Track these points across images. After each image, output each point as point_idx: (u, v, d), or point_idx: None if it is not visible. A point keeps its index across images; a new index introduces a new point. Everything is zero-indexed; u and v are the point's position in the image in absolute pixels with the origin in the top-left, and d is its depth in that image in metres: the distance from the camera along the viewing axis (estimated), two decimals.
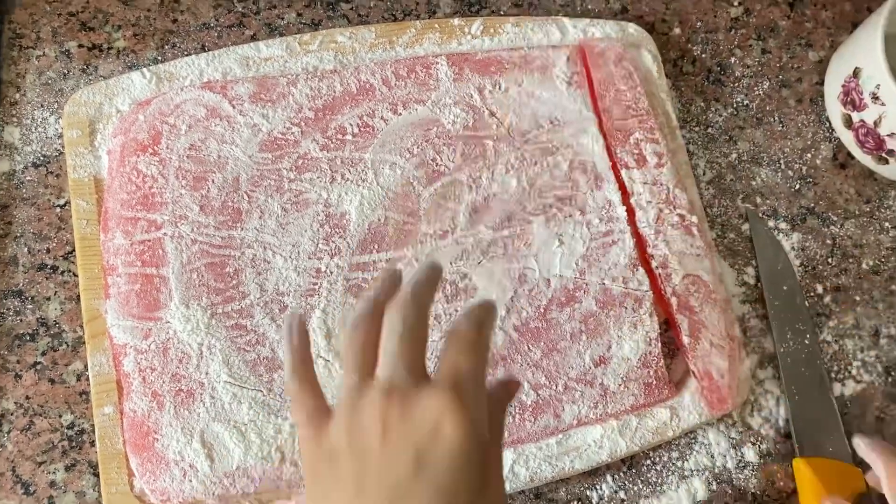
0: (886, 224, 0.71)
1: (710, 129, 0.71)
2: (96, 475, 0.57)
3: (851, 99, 0.68)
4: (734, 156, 0.71)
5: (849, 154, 0.72)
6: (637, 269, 0.62)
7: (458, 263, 0.60)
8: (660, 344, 0.61)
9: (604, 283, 0.61)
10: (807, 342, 0.65)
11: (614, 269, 0.62)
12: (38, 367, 0.59)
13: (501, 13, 0.71)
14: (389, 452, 0.37)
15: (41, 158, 0.62)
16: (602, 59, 0.67)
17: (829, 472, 0.60)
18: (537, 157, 0.64)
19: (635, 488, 0.61)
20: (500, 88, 0.65)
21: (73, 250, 0.60)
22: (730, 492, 0.62)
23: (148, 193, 0.58)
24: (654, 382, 0.60)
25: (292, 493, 0.56)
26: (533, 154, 0.63)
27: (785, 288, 0.66)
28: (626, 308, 0.61)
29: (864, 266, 0.70)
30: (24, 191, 0.62)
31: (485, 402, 0.40)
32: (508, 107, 0.64)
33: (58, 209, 0.62)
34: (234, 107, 0.61)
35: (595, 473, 0.61)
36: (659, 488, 0.62)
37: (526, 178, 0.63)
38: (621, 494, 0.61)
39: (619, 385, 0.60)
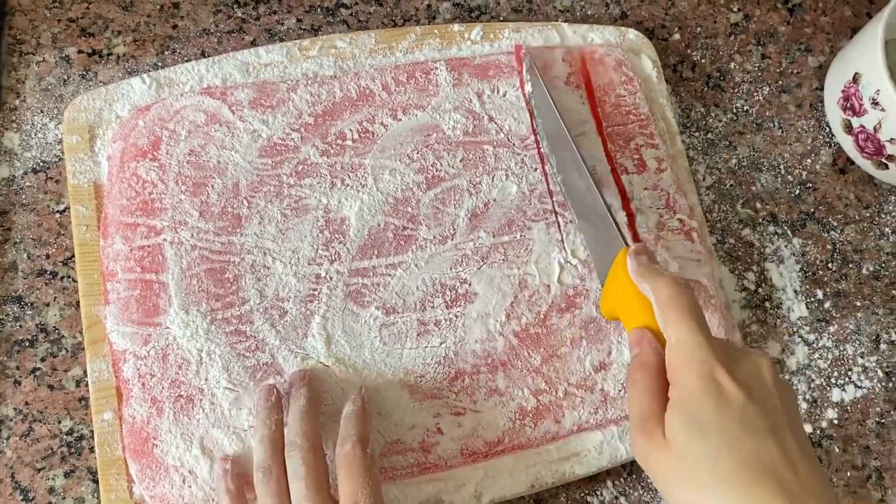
0: (886, 229, 0.71)
1: (709, 135, 0.71)
2: (95, 481, 0.57)
3: (851, 104, 0.68)
4: (734, 161, 0.71)
5: (848, 159, 0.72)
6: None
7: (458, 269, 0.60)
8: None
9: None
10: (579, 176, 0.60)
11: None
12: (38, 373, 0.58)
13: (501, 19, 0.71)
14: None
15: (41, 164, 0.62)
16: (602, 64, 0.67)
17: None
18: (537, 163, 0.64)
19: (636, 494, 0.61)
20: (498, 93, 0.65)
21: (73, 256, 0.60)
22: None
23: (147, 199, 0.58)
24: None
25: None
26: (533, 159, 0.63)
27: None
28: None
29: (864, 271, 0.70)
30: (23, 196, 0.62)
31: None
32: (507, 111, 0.64)
33: (57, 215, 0.62)
34: (233, 112, 0.61)
35: (595, 479, 0.61)
36: (659, 494, 0.61)
37: (526, 183, 0.63)
38: (622, 500, 0.61)
39: (620, 391, 0.60)
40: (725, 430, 0.43)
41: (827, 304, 0.68)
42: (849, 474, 0.65)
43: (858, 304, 0.69)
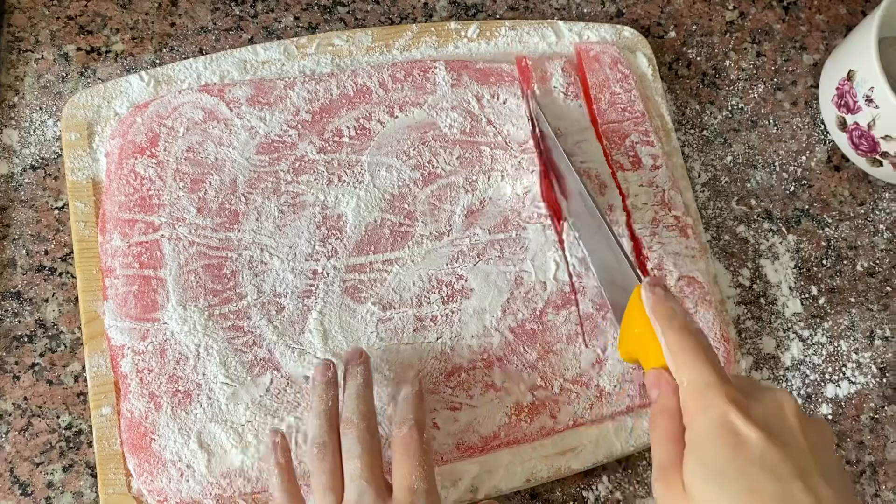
0: (881, 226, 0.71)
1: (705, 132, 0.72)
2: (94, 476, 0.57)
3: (845, 101, 0.68)
4: (729, 158, 0.71)
5: (843, 156, 0.73)
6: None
7: (455, 265, 0.61)
8: None
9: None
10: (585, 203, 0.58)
11: None
12: (37, 368, 0.59)
13: (497, 17, 0.72)
14: None
15: (39, 161, 0.63)
16: (597, 62, 0.67)
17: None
18: (533, 166, 0.64)
19: (631, 489, 0.62)
20: (498, 99, 0.65)
21: (72, 252, 0.60)
22: None
23: (146, 195, 0.59)
24: None
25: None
26: (529, 162, 0.64)
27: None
28: None
29: (858, 268, 0.70)
30: (22, 193, 0.62)
31: (437, 497, 0.49)
32: (506, 117, 0.65)
33: (56, 211, 0.62)
34: (231, 110, 0.61)
35: (591, 474, 0.61)
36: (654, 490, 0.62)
37: (520, 186, 0.63)
38: (617, 495, 0.61)
39: (615, 386, 0.60)
40: (744, 477, 0.40)
41: (821, 301, 0.69)
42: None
43: (853, 300, 0.69)
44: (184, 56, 0.66)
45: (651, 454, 0.45)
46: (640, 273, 0.53)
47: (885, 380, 0.68)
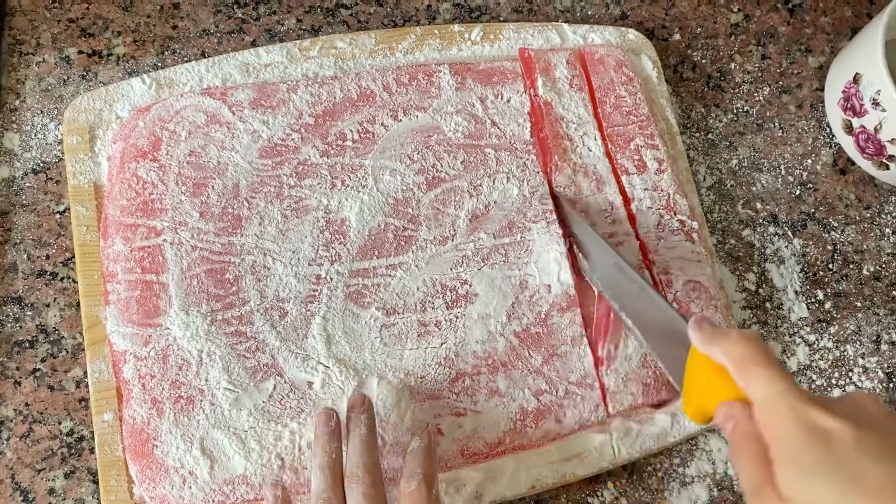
0: (887, 230, 0.71)
1: (710, 135, 0.71)
2: (96, 482, 0.57)
3: (852, 104, 0.68)
4: (734, 161, 0.71)
5: (849, 160, 0.72)
6: (643, 272, 0.62)
7: (459, 270, 0.60)
8: None
9: None
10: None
11: None
12: (38, 373, 0.58)
13: (501, 19, 0.71)
14: None
15: (41, 165, 0.62)
16: (602, 65, 0.67)
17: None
18: (538, 166, 0.64)
19: (636, 495, 0.61)
20: (502, 98, 0.65)
21: (73, 257, 0.60)
22: (731, 498, 0.62)
23: (148, 200, 0.58)
24: (652, 383, 0.60)
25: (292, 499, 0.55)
26: (534, 163, 0.63)
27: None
28: None
29: (864, 272, 0.70)
30: (23, 197, 0.62)
31: None
32: (511, 116, 0.64)
33: (57, 215, 0.61)
34: (234, 113, 0.61)
35: (596, 480, 0.61)
36: (660, 494, 0.61)
37: (527, 186, 0.63)
38: (623, 501, 0.61)
39: (619, 385, 0.60)
40: (844, 467, 0.39)
41: (827, 305, 0.68)
42: None
43: (859, 304, 0.69)
44: (186, 59, 0.66)
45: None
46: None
47: (891, 385, 0.67)
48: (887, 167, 0.68)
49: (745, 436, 0.44)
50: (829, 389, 0.66)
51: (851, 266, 0.70)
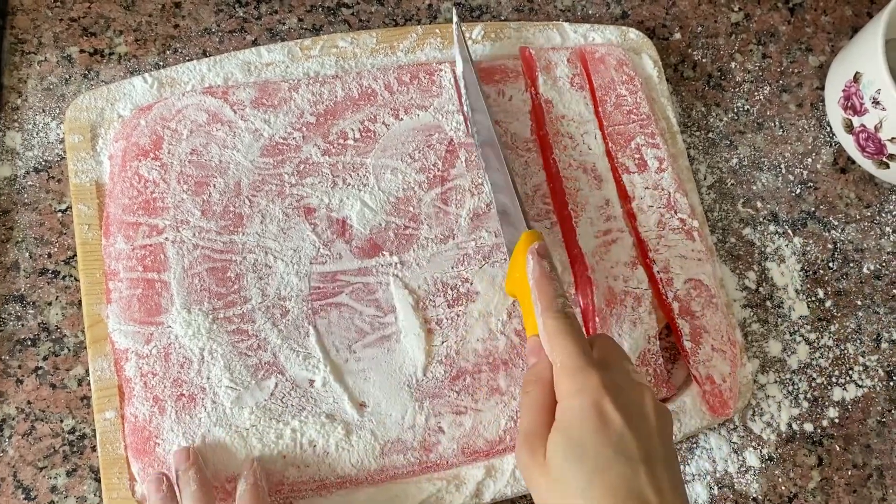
0: (887, 228, 0.71)
1: (710, 134, 0.71)
2: (97, 480, 0.57)
3: (852, 103, 0.68)
4: (735, 160, 0.71)
5: (849, 158, 0.72)
6: (637, 268, 0.62)
7: (460, 268, 0.60)
8: (658, 342, 0.61)
9: (606, 282, 0.61)
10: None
11: (615, 267, 0.62)
12: (40, 371, 0.59)
13: (502, 18, 0.71)
14: None
15: (43, 163, 0.62)
16: (603, 64, 0.67)
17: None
18: (539, 165, 0.64)
19: None
20: (503, 96, 0.65)
21: (75, 255, 0.60)
22: (731, 496, 0.62)
23: (149, 198, 0.58)
24: (653, 381, 0.60)
25: (294, 498, 0.56)
26: (535, 161, 0.64)
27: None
28: (626, 306, 0.61)
29: (865, 270, 0.70)
30: (25, 196, 0.62)
31: None
32: (512, 115, 0.64)
33: (59, 214, 0.62)
34: (235, 112, 0.61)
35: None
36: None
37: (530, 185, 0.63)
38: None
39: None
40: (601, 456, 0.44)
41: (828, 304, 0.68)
42: (850, 473, 0.65)
43: (859, 303, 0.69)
44: (187, 58, 0.66)
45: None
46: (528, 222, 0.56)
47: (891, 383, 0.67)
48: (887, 166, 0.68)
49: (540, 379, 0.48)
50: (829, 388, 0.66)
51: (852, 265, 0.70)
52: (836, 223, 0.71)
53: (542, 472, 0.45)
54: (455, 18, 0.63)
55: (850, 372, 0.67)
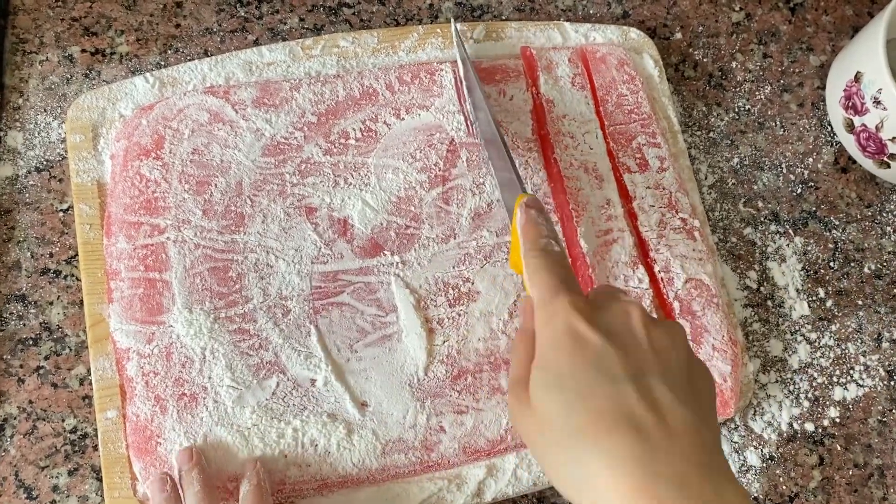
0: (888, 228, 0.71)
1: (711, 134, 0.71)
2: (99, 479, 0.57)
3: (853, 103, 0.68)
4: (736, 160, 0.71)
5: (850, 158, 0.72)
6: (637, 268, 0.62)
7: (461, 268, 0.60)
8: None
9: (607, 281, 0.61)
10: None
11: (616, 266, 0.62)
12: (41, 371, 0.59)
13: (503, 18, 0.71)
14: None
15: (44, 163, 0.62)
16: (604, 63, 0.67)
17: None
18: (540, 164, 0.64)
19: None
20: (504, 96, 0.65)
21: (76, 255, 0.60)
22: None
23: (151, 198, 0.58)
24: None
25: (295, 497, 0.56)
26: (536, 161, 0.64)
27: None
28: None
29: (866, 270, 0.70)
30: (27, 195, 0.62)
31: None
32: (514, 115, 0.64)
33: (61, 214, 0.62)
34: (237, 111, 0.61)
35: None
36: None
37: (530, 184, 0.63)
38: None
39: None
40: (580, 381, 0.40)
41: (829, 303, 0.68)
42: (851, 472, 0.65)
43: (860, 302, 0.69)
44: (189, 57, 0.66)
45: None
46: (523, 186, 0.54)
47: (892, 383, 0.67)
48: (888, 166, 0.68)
49: (524, 331, 0.46)
50: (830, 387, 0.66)
51: (853, 264, 0.70)
52: (836, 223, 0.71)
53: (529, 415, 0.42)
54: (452, 21, 0.64)
55: (851, 371, 0.67)
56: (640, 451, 0.37)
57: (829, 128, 0.73)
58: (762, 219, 0.70)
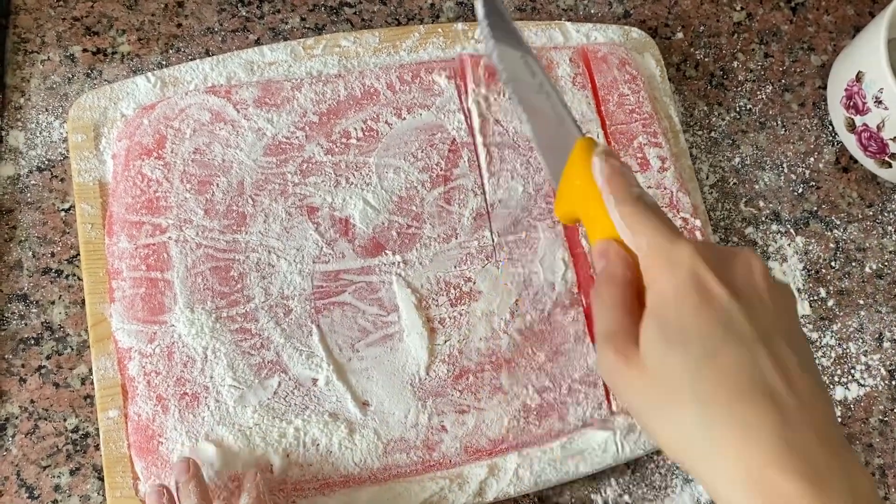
0: (889, 228, 0.71)
1: (713, 133, 0.71)
2: (101, 479, 0.57)
3: (854, 103, 0.68)
4: (737, 160, 0.71)
5: (851, 158, 0.72)
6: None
7: (463, 267, 0.60)
8: None
9: None
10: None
11: None
12: (43, 371, 0.59)
13: None
14: None
15: (46, 163, 0.62)
16: (605, 63, 0.67)
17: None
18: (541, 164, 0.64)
19: (640, 492, 0.61)
20: (504, 95, 0.65)
21: (78, 254, 0.60)
22: None
23: (152, 197, 0.58)
24: None
25: (297, 497, 0.56)
26: (538, 160, 0.64)
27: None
28: None
29: (867, 269, 0.70)
30: (28, 195, 0.62)
31: None
32: (514, 114, 0.64)
33: (62, 213, 0.62)
34: (238, 111, 0.61)
35: (599, 477, 0.61)
36: (663, 492, 0.62)
37: (532, 184, 0.63)
38: (626, 498, 0.61)
39: None
40: (707, 339, 0.36)
41: (830, 303, 0.68)
42: None
43: (861, 302, 0.69)
44: (190, 57, 0.66)
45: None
46: (581, 129, 0.48)
47: (894, 382, 0.67)
48: (889, 165, 0.68)
49: (614, 278, 0.40)
50: (831, 387, 0.66)
51: (854, 264, 0.70)
52: (838, 222, 0.71)
53: (637, 371, 0.37)
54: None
55: (853, 371, 0.67)
56: (774, 421, 0.35)
57: (831, 127, 0.73)
58: (763, 218, 0.70)
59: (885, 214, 0.71)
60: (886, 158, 0.67)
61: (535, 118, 0.49)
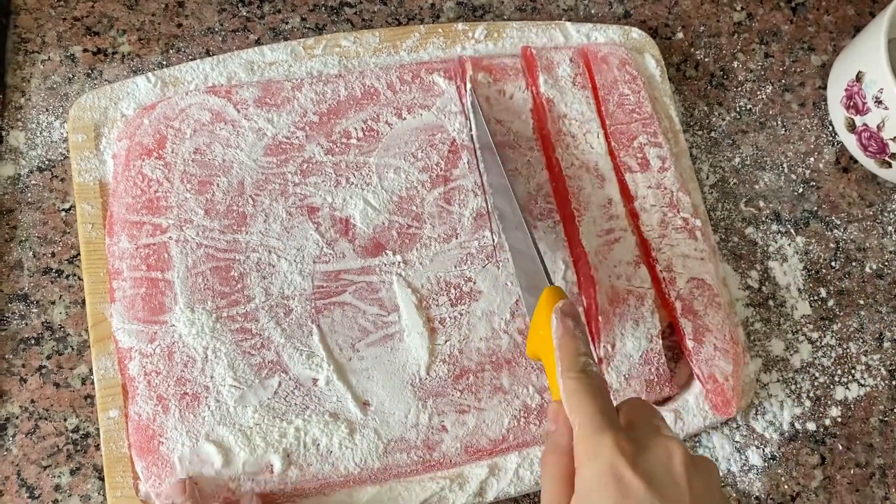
0: (889, 228, 0.71)
1: (713, 133, 0.71)
2: (101, 479, 0.57)
3: (854, 103, 0.68)
4: (737, 160, 0.71)
5: (851, 158, 0.72)
6: (640, 267, 0.62)
7: (463, 267, 0.60)
8: (661, 341, 0.61)
9: (609, 280, 0.61)
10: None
11: (618, 266, 0.62)
12: (44, 370, 0.59)
13: (505, 18, 0.71)
14: None
15: (46, 163, 0.62)
16: (605, 63, 0.67)
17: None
18: (542, 163, 0.64)
19: None
20: (504, 95, 0.65)
21: (79, 254, 0.60)
22: (734, 495, 0.62)
23: (153, 197, 0.58)
24: (656, 380, 0.60)
25: (298, 497, 0.56)
26: (538, 160, 0.64)
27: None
28: (628, 305, 0.61)
29: (867, 270, 0.70)
30: (29, 195, 0.62)
31: None
32: (514, 113, 0.64)
33: (63, 213, 0.62)
34: (238, 111, 0.61)
35: None
36: None
37: (533, 183, 0.63)
38: None
39: (622, 382, 0.60)
40: None
41: (830, 303, 0.68)
42: (852, 472, 0.65)
43: (862, 302, 0.69)
44: (190, 57, 0.66)
45: None
46: (550, 277, 0.54)
47: (894, 382, 0.67)
48: (890, 165, 0.68)
49: (558, 448, 0.45)
50: (831, 387, 0.66)
51: (854, 264, 0.70)
52: (838, 222, 0.71)
53: None
54: (469, 89, 0.63)
55: (853, 371, 0.67)
56: None
57: (831, 127, 0.73)
58: (764, 218, 0.70)
59: (886, 214, 0.72)
60: (886, 158, 0.67)
61: (514, 253, 0.57)
